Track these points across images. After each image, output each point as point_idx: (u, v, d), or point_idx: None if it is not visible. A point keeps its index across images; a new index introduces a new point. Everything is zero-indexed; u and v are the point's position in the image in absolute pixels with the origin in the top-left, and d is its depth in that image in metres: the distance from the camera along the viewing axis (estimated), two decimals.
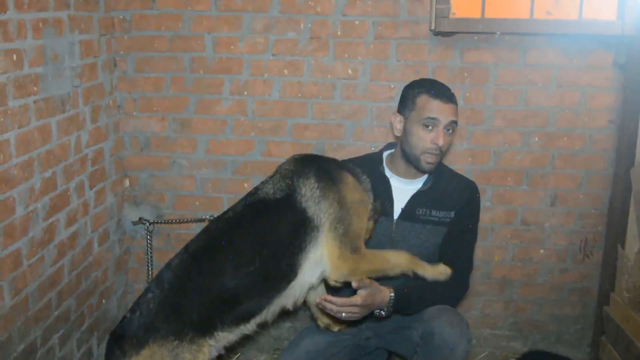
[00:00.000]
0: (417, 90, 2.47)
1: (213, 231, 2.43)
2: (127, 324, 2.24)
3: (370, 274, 2.35)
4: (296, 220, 2.32)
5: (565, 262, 3.44)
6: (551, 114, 3.28)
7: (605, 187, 3.33)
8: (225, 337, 2.30)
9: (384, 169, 2.58)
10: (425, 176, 2.56)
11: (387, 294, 2.34)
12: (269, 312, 2.35)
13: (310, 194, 2.33)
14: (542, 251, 3.43)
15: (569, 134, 3.29)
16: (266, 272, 2.29)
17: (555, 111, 3.27)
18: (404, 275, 2.48)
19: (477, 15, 3.15)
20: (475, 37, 3.21)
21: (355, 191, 2.40)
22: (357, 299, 2.28)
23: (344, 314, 2.28)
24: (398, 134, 2.53)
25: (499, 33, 3.17)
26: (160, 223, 3.44)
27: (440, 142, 2.39)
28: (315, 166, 2.43)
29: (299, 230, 2.31)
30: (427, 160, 2.44)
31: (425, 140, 2.41)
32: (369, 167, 2.59)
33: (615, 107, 3.25)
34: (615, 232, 3.21)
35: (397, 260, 2.41)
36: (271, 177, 2.48)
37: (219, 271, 2.28)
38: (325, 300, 2.28)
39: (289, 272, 2.31)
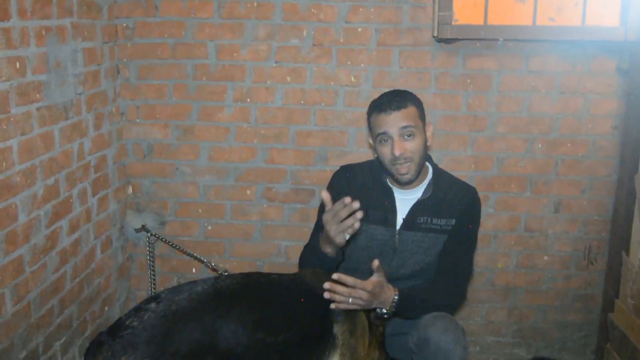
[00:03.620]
0: (369, 110, 2.47)
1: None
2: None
3: None
4: None
5: (569, 269, 3.43)
6: (554, 120, 3.27)
7: (609, 194, 3.32)
8: None
9: (386, 180, 2.57)
10: (424, 185, 2.53)
11: (392, 293, 2.31)
12: None
13: None
14: (545, 258, 3.42)
15: (573, 141, 3.29)
16: None
17: (559, 117, 3.27)
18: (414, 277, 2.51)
19: (479, 22, 3.15)
20: (478, 44, 3.21)
21: None
22: (368, 284, 2.21)
23: (350, 299, 2.22)
24: (375, 155, 2.54)
25: (501, 40, 3.17)
26: (161, 239, 3.44)
27: (397, 152, 2.35)
28: None
29: None
30: (399, 172, 2.41)
31: (386, 154, 2.40)
32: (372, 175, 2.58)
33: (619, 113, 3.24)
34: (620, 239, 3.20)
35: None
36: None
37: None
38: (340, 277, 2.18)
39: None
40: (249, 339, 2.09)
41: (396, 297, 2.31)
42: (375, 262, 2.24)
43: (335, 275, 2.18)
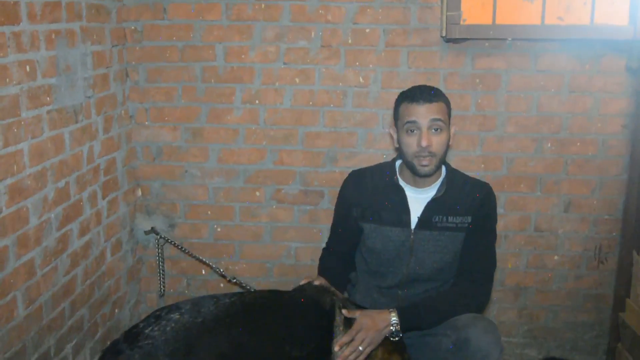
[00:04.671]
0: (399, 100, 2.50)
1: None
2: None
3: None
4: None
5: (580, 269, 3.41)
6: (564, 119, 3.26)
7: (619, 193, 3.31)
8: None
9: (397, 179, 2.57)
10: (438, 183, 2.54)
11: (387, 314, 2.34)
12: None
13: None
14: (556, 258, 3.41)
15: (582, 140, 3.27)
16: None
17: (568, 117, 3.26)
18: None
19: (488, 21, 3.15)
20: (487, 44, 3.20)
21: None
22: (355, 325, 2.29)
23: (360, 347, 2.27)
24: (396, 145, 2.55)
25: (510, 39, 3.16)
26: (170, 242, 3.46)
27: (424, 143, 2.37)
28: None
29: None
30: (421, 164, 2.42)
31: (411, 145, 2.41)
32: (382, 177, 2.58)
33: (629, 112, 3.22)
34: (630, 238, 3.19)
35: None
36: None
37: None
38: (339, 346, 2.27)
39: None
40: (277, 352, 2.10)
41: (393, 315, 2.34)
42: (344, 312, 2.33)
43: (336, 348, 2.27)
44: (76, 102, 2.71)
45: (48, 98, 2.47)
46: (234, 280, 3.23)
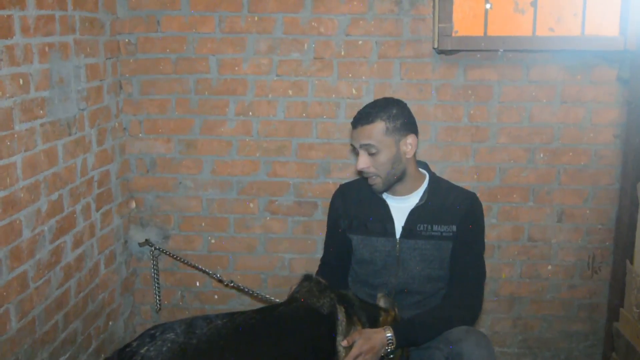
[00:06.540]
0: None
1: None
2: None
3: None
4: None
5: (574, 278, 3.42)
6: (556, 130, 3.28)
7: (612, 202, 3.32)
8: None
9: None
10: (421, 191, 2.54)
11: (383, 334, 2.33)
12: None
13: None
14: (549, 267, 3.41)
15: (574, 150, 3.29)
16: None
17: (560, 127, 3.28)
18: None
19: (479, 33, 3.17)
20: (479, 55, 3.22)
21: None
22: (354, 350, 2.27)
23: None
24: None
25: (501, 50, 3.18)
26: (165, 253, 3.45)
27: (359, 166, 2.44)
28: None
29: None
30: (369, 182, 2.49)
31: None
32: (367, 188, 2.59)
33: (620, 122, 3.24)
34: (623, 247, 3.20)
35: None
36: None
37: None
38: None
39: None
40: None
41: (389, 336, 2.33)
42: (344, 343, 2.29)
43: None
44: (70, 115, 2.71)
45: (41, 111, 2.48)
46: (232, 284, 3.25)
